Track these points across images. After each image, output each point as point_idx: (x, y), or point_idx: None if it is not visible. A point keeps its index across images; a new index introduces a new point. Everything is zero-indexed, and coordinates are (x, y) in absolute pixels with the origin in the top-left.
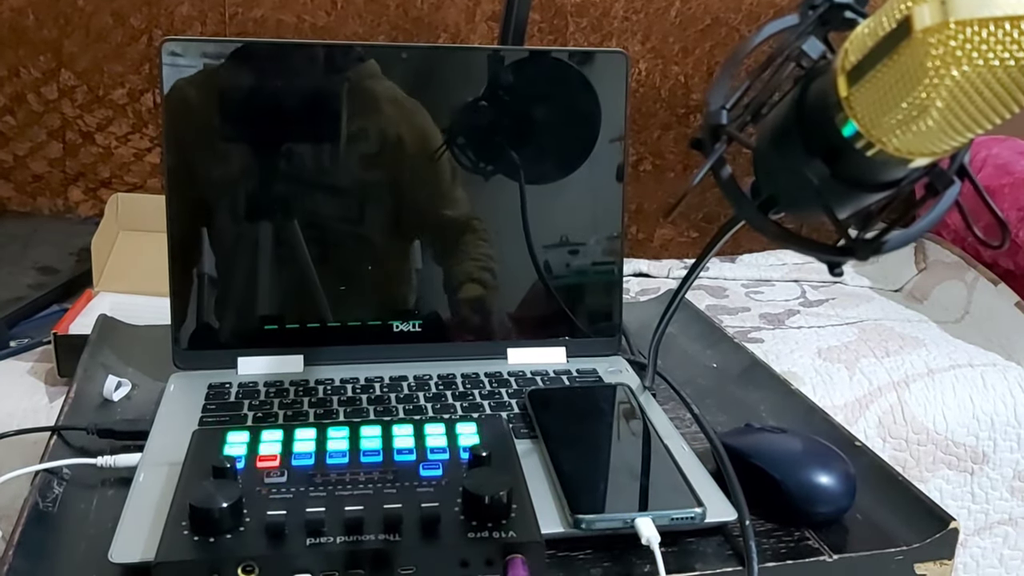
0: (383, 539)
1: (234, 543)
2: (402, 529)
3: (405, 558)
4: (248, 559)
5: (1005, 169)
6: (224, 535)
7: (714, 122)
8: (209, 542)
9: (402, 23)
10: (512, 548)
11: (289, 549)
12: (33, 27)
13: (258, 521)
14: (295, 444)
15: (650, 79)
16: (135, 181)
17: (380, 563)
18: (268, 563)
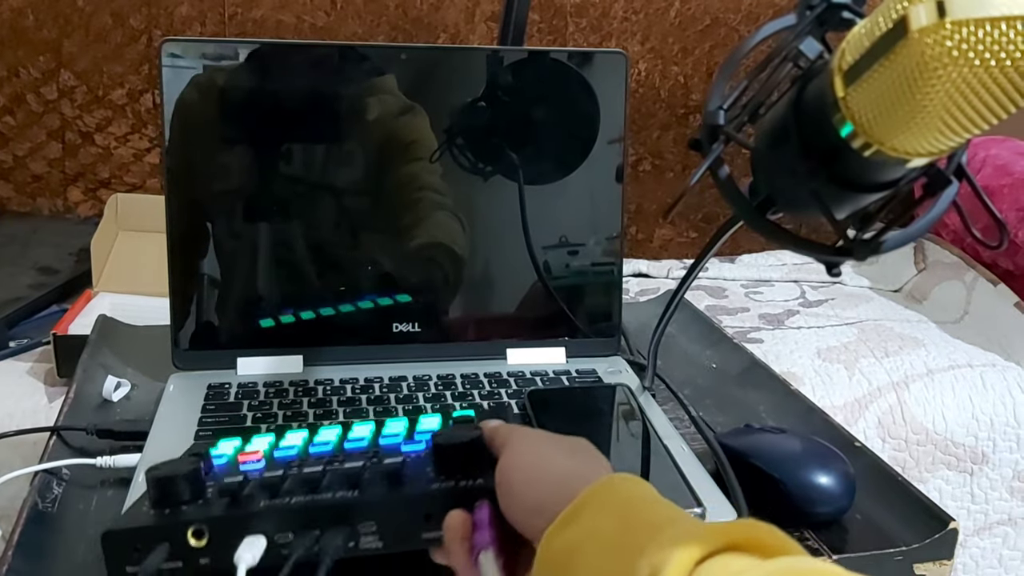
0: (340, 496)
1: (187, 511)
2: (362, 484)
3: (364, 513)
4: (197, 522)
5: (1004, 170)
6: (180, 506)
7: (712, 122)
8: (164, 513)
9: (401, 23)
10: (479, 495)
11: (241, 511)
12: (33, 27)
13: (216, 491)
14: (284, 440)
15: (649, 79)
16: (134, 181)
17: (338, 520)
18: (219, 526)
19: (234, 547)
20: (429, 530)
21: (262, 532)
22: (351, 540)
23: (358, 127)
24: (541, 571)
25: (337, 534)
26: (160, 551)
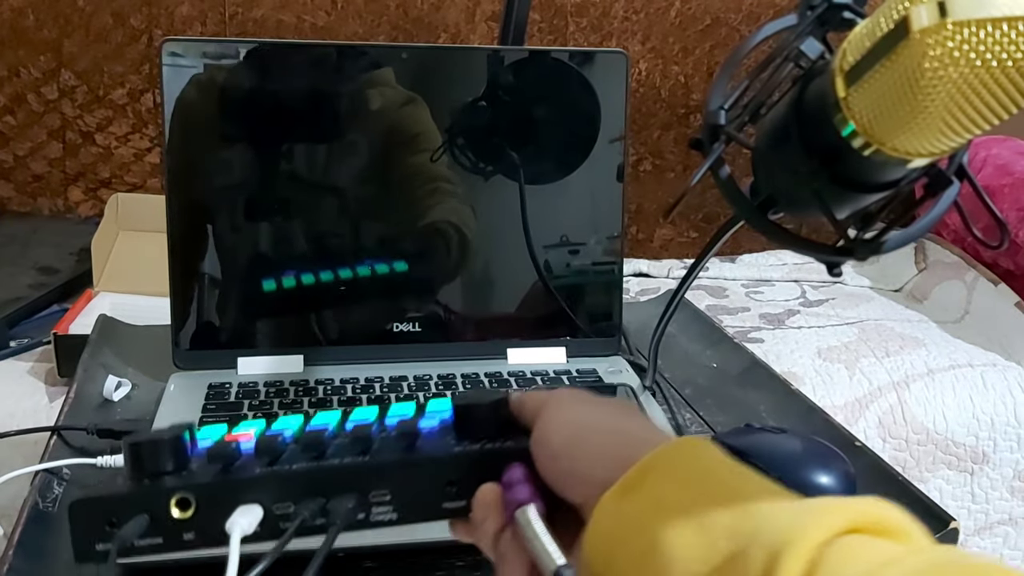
0: (349, 460)
1: (170, 480)
2: (374, 448)
3: (377, 480)
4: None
5: (1005, 169)
6: (162, 477)
7: (713, 122)
8: (142, 482)
9: (402, 23)
10: (509, 459)
11: (234, 477)
12: (33, 27)
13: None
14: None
15: (650, 79)
16: (135, 181)
17: (346, 487)
18: (208, 495)
19: (224, 518)
20: (450, 500)
21: (257, 502)
22: (361, 511)
23: (359, 125)
24: (596, 543)
25: (345, 502)
26: (138, 522)
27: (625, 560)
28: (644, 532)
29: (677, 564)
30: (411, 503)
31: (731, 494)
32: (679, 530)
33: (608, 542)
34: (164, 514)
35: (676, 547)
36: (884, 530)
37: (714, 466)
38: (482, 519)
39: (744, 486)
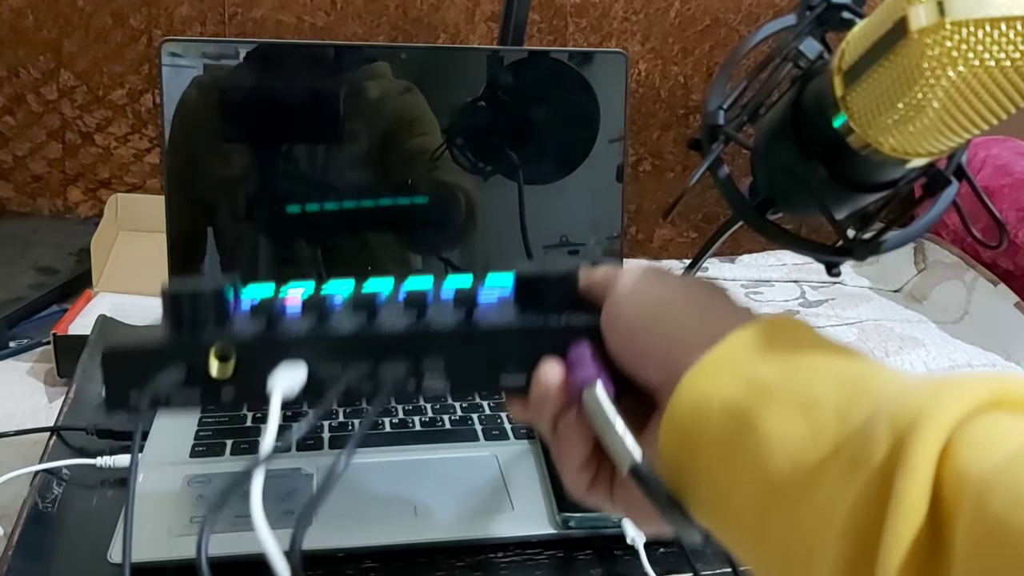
0: (402, 325)
1: (210, 332)
2: (429, 311)
3: (432, 346)
4: (224, 341)
5: (1005, 170)
6: (201, 329)
7: (712, 122)
8: (181, 334)
9: (402, 23)
10: (575, 337)
11: (279, 334)
12: (32, 27)
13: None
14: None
15: (649, 79)
16: (135, 181)
17: (397, 351)
18: (251, 350)
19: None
20: (508, 374)
21: (302, 359)
22: (412, 377)
23: (360, 124)
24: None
25: (396, 367)
26: (176, 370)
27: (712, 443)
28: (735, 414)
29: (777, 448)
30: (465, 374)
31: (837, 373)
32: (778, 411)
33: (691, 425)
34: (202, 367)
35: (775, 429)
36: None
37: (814, 343)
38: (542, 397)
39: (850, 364)
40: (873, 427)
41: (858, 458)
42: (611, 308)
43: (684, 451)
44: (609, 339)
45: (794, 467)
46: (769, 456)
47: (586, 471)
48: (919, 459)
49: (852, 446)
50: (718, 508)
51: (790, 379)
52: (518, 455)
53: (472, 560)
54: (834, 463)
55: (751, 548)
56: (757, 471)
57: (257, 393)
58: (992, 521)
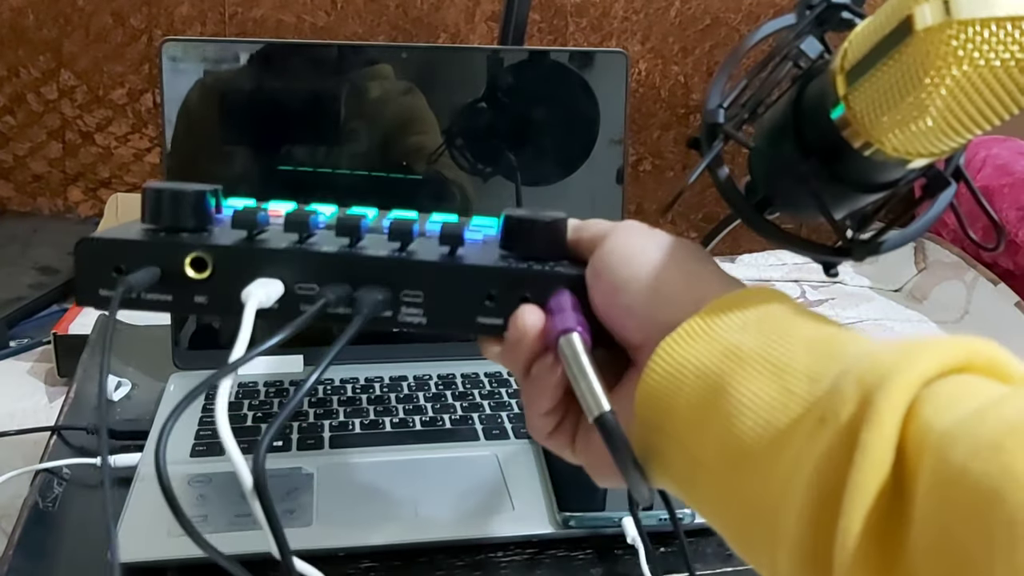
0: (386, 253)
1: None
2: (413, 247)
3: (411, 277)
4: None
5: (1005, 169)
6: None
7: (711, 121)
8: (158, 233)
9: (402, 23)
10: (558, 285)
11: (257, 245)
12: (33, 27)
13: (226, 225)
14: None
15: (650, 79)
16: (135, 181)
17: (376, 280)
18: (226, 259)
19: (240, 287)
20: (486, 315)
21: (279, 278)
22: (390, 308)
23: (361, 125)
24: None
25: (375, 293)
26: (148, 272)
27: (686, 406)
28: (709, 376)
29: (748, 411)
30: (443, 310)
31: (810, 339)
32: (750, 374)
33: (666, 389)
34: (178, 270)
35: (747, 392)
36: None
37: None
38: (518, 339)
39: (822, 331)
40: (841, 386)
41: (826, 415)
42: (597, 263)
43: (658, 413)
44: (593, 293)
45: (764, 428)
46: (740, 418)
47: (552, 416)
48: (885, 415)
49: (821, 405)
50: (689, 469)
51: (764, 346)
52: (518, 454)
53: (472, 560)
54: (803, 422)
55: (719, 509)
56: (728, 433)
57: (231, 302)
58: (952, 469)
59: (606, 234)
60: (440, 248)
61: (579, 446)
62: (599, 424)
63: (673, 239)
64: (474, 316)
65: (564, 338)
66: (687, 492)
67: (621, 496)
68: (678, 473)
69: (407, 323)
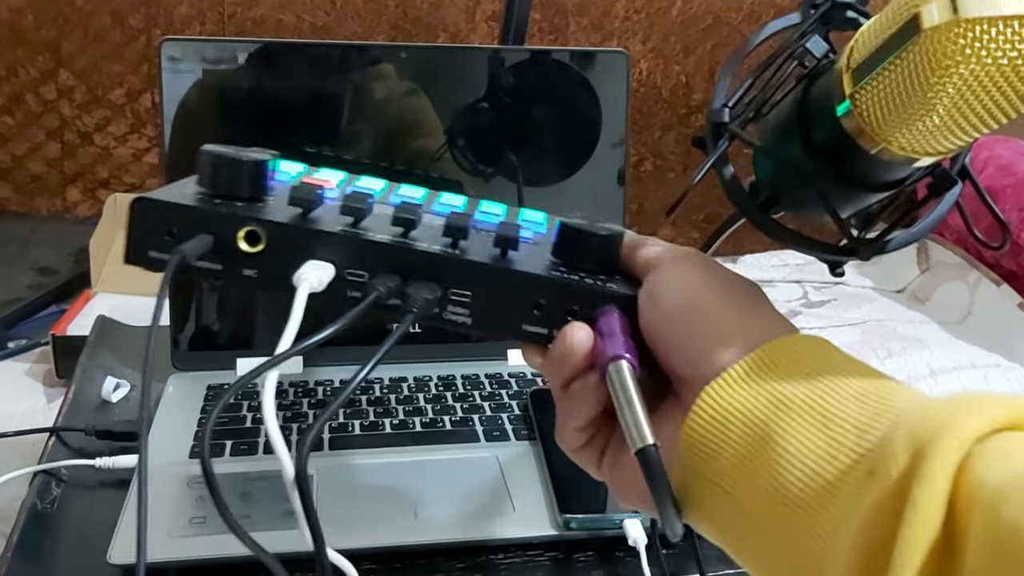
0: (438, 248)
1: (244, 208)
2: (466, 244)
3: (463, 276)
4: (256, 222)
5: (1008, 170)
6: (235, 201)
7: (716, 120)
8: (214, 201)
9: (401, 23)
10: (606, 301)
11: (312, 226)
12: (31, 27)
13: (283, 197)
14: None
15: (651, 79)
16: (133, 181)
17: (426, 273)
18: (281, 236)
19: (291, 266)
20: (532, 323)
21: (330, 261)
22: (437, 305)
23: (360, 123)
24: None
25: (422, 288)
26: (201, 241)
27: (731, 453)
28: (756, 424)
29: (795, 460)
30: (490, 312)
31: (859, 390)
32: (798, 423)
33: (713, 432)
34: (231, 241)
35: (794, 441)
36: None
37: (837, 362)
38: (564, 355)
39: (872, 381)
40: (892, 439)
41: (876, 469)
42: (652, 288)
43: (702, 458)
44: (644, 318)
45: (811, 479)
46: (786, 467)
47: (585, 432)
48: (937, 470)
49: (870, 458)
50: (732, 516)
51: (812, 395)
52: (519, 456)
53: (472, 561)
54: (851, 474)
55: (762, 558)
56: (774, 482)
57: (280, 279)
58: (1004, 528)
59: (663, 259)
60: (493, 249)
61: (606, 464)
62: (641, 457)
63: (731, 275)
64: (520, 322)
65: (614, 365)
66: (728, 538)
67: None
68: (720, 519)
69: (452, 321)
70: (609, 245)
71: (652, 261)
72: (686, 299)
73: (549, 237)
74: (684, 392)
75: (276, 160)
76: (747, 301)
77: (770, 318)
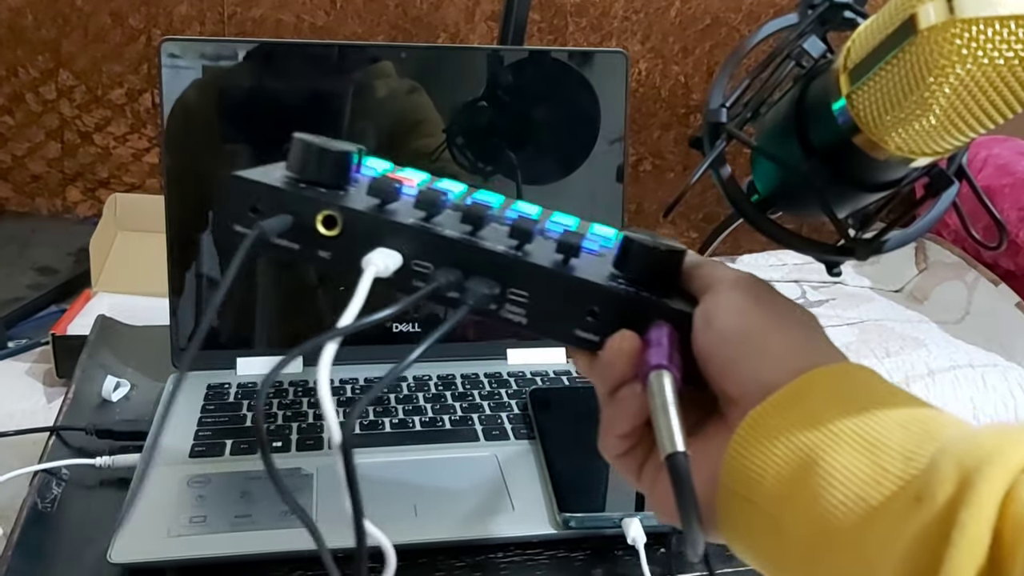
0: (503, 248)
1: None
2: (530, 248)
3: (523, 277)
4: (335, 208)
5: (1006, 169)
6: (318, 186)
7: (713, 120)
8: (299, 184)
9: (401, 23)
10: (660, 315)
11: (386, 216)
12: (31, 27)
13: (363, 188)
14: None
15: (650, 79)
16: (133, 181)
17: (487, 271)
18: (357, 222)
19: (363, 252)
20: (585, 329)
21: (399, 250)
22: (494, 302)
23: (361, 122)
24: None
25: (482, 283)
26: (281, 220)
27: (775, 477)
28: (800, 449)
29: (840, 485)
30: (546, 314)
31: (905, 418)
32: (842, 449)
33: (756, 456)
34: (309, 223)
35: (838, 466)
36: None
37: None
38: (610, 361)
39: (918, 411)
40: (940, 465)
41: (922, 494)
42: (708, 308)
43: (744, 482)
44: (698, 337)
45: (855, 504)
46: (830, 492)
47: (627, 440)
48: (984, 496)
49: (917, 484)
50: (773, 540)
51: (857, 422)
52: (518, 455)
53: (472, 560)
54: (897, 500)
55: None
56: (817, 507)
57: (351, 263)
58: None
59: (722, 281)
60: (555, 255)
61: (646, 476)
62: (669, 463)
63: (787, 302)
64: (573, 328)
65: (655, 373)
66: (765, 560)
67: (621, 497)
68: (759, 540)
69: (508, 320)
70: (669, 261)
71: (710, 282)
72: (740, 322)
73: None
74: (731, 412)
75: (364, 155)
76: (800, 328)
77: (821, 346)
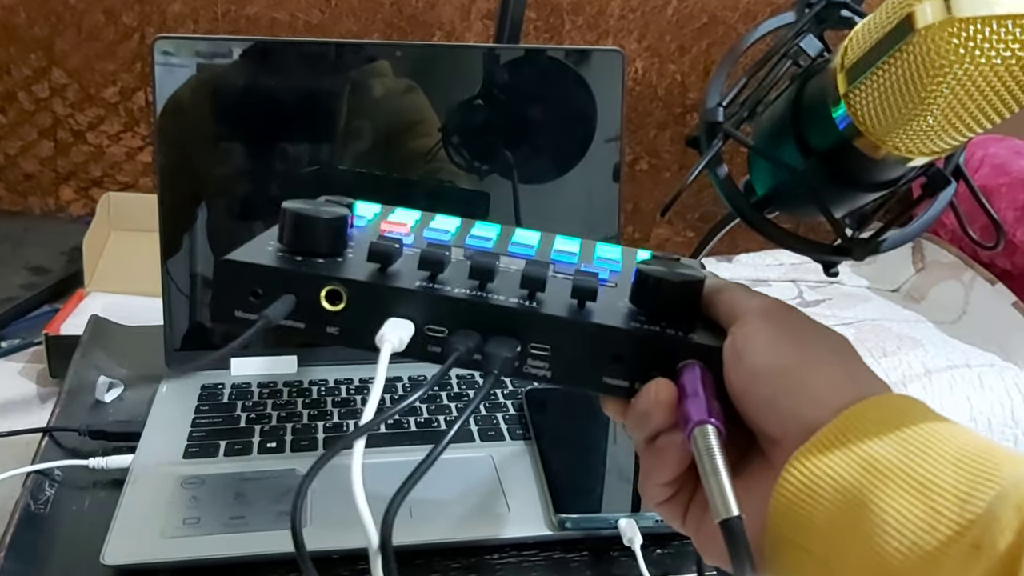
0: (515, 301)
1: (326, 266)
2: (543, 297)
3: (541, 331)
4: (337, 282)
5: (1002, 169)
6: (316, 258)
7: (710, 119)
8: (296, 260)
9: (396, 21)
10: (688, 353)
11: (393, 284)
12: (24, 25)
13: (361, 251)
14: (433, 221)
15: (646, 78)
16: (127, 180)
17: (505, 329)
18: (362, 295)
19: (372, 323)
20: (612, 376)
21: (410, 318)
22: (517, 360)
23: (357, 121)
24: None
25: (502, 345)
26: (285, 302)
27: (824, 521)
28: (848, 491)
29: (893, 531)
30: (570, 366)
31: (957, 455)
32: (893, 490)
33: (804, 500)
34: (313, 300)
35: (891, 511)
36: None
37: (931, 422)
38: (647, 412)
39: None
40: (998, 512)
41: (981, 542)
42: (738, 343)
43: (793, 528)
44: (730, 375)
45: (911, 550)
46: (884, 538)
47: (669, 487)
48: None
49: (975, 531)
50: None
51: (906, 459)
52: (514, 456)
53: (467, 561)
54: (954, 547)
55: None
56: (871, 552)
57: (363, 335)
58: None
59: (749, 311)
60: (570, 301)
61: (691, 520)
62: (725, 528)
63: (820, 329)
64: (600, 375)
65: (699, 429)
66: None
67: (617, 498)
68: None
69: (531, 375)
70: (688, 292)
71: (736, 312)
72: (774, 357)
73: (627, 276)
74: (773, 452)
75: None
76: (836, 356)
77: (862, 375)
